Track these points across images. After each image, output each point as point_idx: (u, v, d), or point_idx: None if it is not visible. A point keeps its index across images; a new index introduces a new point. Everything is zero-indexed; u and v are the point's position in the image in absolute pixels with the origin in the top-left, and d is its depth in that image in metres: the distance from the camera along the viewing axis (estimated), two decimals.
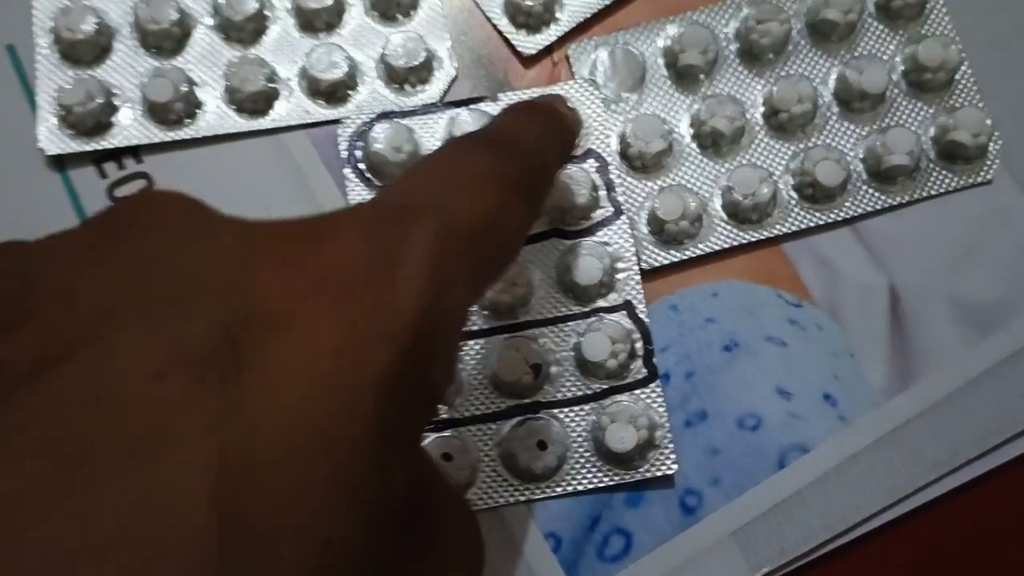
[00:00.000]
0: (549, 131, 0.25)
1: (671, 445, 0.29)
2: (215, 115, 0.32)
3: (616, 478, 0.29)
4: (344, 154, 0.32)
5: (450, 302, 0.18)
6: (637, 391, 0.29)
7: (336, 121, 0.32)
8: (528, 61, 0.33)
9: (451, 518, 0.22)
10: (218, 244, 0.17)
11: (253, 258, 0.17)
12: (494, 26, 0.33)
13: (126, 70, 0.32)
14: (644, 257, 0.31)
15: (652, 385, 0.30)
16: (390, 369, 0.16)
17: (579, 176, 0.30)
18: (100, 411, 0.14)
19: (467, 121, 0.31)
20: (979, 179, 0.32)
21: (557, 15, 0.33)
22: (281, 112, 0.32)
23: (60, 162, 0.32)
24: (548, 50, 0.33)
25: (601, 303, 0.30)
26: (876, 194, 0.32)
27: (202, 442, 0.14)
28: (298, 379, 0.16)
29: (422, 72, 0.32)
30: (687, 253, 0.31)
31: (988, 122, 0.32)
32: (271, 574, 0.15)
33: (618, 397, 0.29)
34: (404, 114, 0.32)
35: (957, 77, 0.32)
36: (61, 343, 0.15)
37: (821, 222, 0.31)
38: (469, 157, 0.21)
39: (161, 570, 0.13)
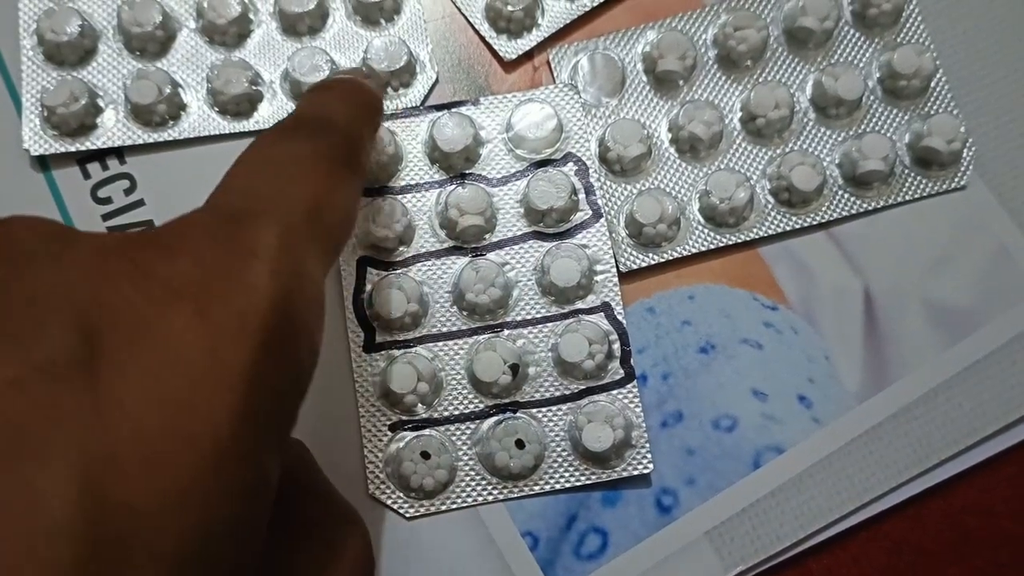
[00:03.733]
0: (353, 103, 0.26)
1: (647, 445, 0.29)
2: (198, 117, 0.32)
3: (593, 477, 0.29)
4: None
5: (303, 286, 0.19)
6: (614, 391, 0.30)
7: None
8: (509, 66, 0.33)
9: (332, 515, 0.24)
10: (74, 260, 0.18)
11: (107, 269, 0.18)
12: (475, 31, 0.34)
13: (110, 72, 0.33)
14: (622, 259, 0.31)
15: (629, 386, 0.30)
16: (250, 362, 0.17)
17: (558, 179, 0.31)
18: None
19: (448, 124, 0.31)
20: (953, 185, 0.32)
21: (538, 20, 0.33)
22: (264, 114, 0.33)
23: (44, 162, 0.32)
24: (529, 55, 0.33)
25: (579, 304, 0.31)
26: (852, 199, 0.32)
27: (65, 445, 0.15)
28: (158, 380, 0.16)
29: (404, 76, 0.33)
30: (665, 256, 0.31)
31: (962, 129, 0.32)
32: (141, 566, 0.15)
33: (595, 397, 0.30)
34: (386, 117, 0.32)
35: (932, 84, 0.33)
36: None
37: (797, 226, 0.32)
38: (286, 144, 0.23)
39: (29, 567, 0.14)
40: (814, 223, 0.32)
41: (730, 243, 0.32)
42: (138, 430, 0.16)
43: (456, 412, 0.30)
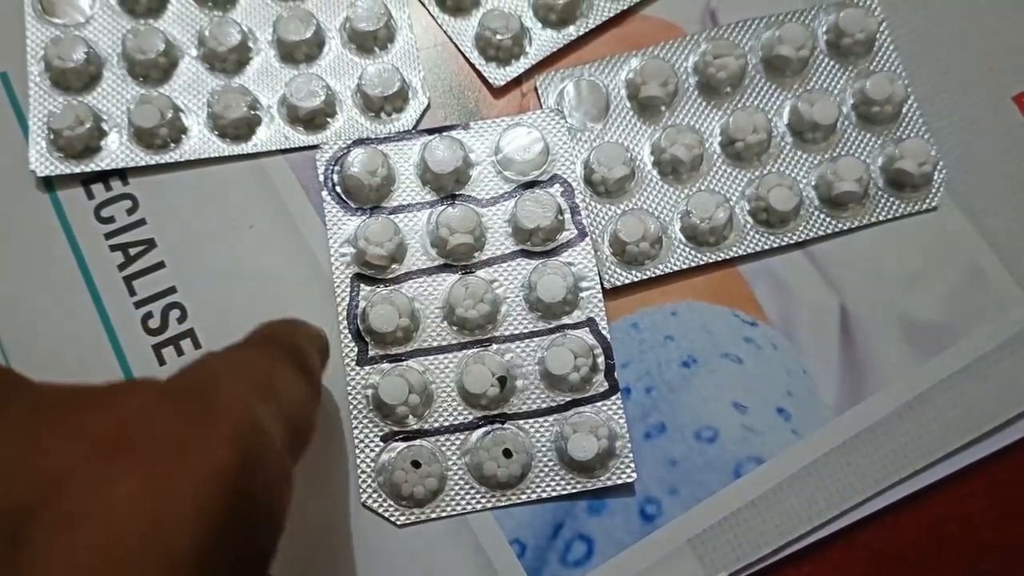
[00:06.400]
0: (298, 329, 0.27)
1: (631, 455, 0.30)
2: (199, 140, 0.34)
3: (579, 486, 0.30)
4: (322, 178, 0.33)
5: (263, 452, 0.18)
6: (599, 403, 0.31)
7: (314, 147, 0.34)
8: (498, 92, 0.35)
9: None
10: (7, 419, 0.16)
11: (45, 430, 0.16)
12: (466, 59, 0.35)
13: (114, 97, 0.34)
14: (606, 277, 0.32)
15: (613, 398, 0.31)
16: (200, 540, 0.15)
17: (545, 200, 0.32)
18: None
19: (439, 147, 0.33)
20: (925, 206, 0.34)
21: (526, 49, 0.35)
22: (262, 138, 0.34)
23: (50, 183, 0.33)
24: (517, 81, 0.35)
25: (565, 320, 0.32)
26: (827, 219, 0.33)
27: None
28: (90, 568, 0.14)
29: (397, 101, 0.34)
30: (648, 273, 0.32)
31: (933, 152, 0.33)
32: None
33: (581, 409, 0.31)
34: (379, 140, 0.34)
35: (904, 110, 0.34)
36: None
37: (775, 245, 0.33)
38: (238, 348, 0.23)
39: None
40: (791, 242, 0.33)
41: (711, 261, 0.33)
42: None
43: (446, 423, 0.31)
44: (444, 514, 0.30)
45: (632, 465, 0.30)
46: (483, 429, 0.30)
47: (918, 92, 0.35)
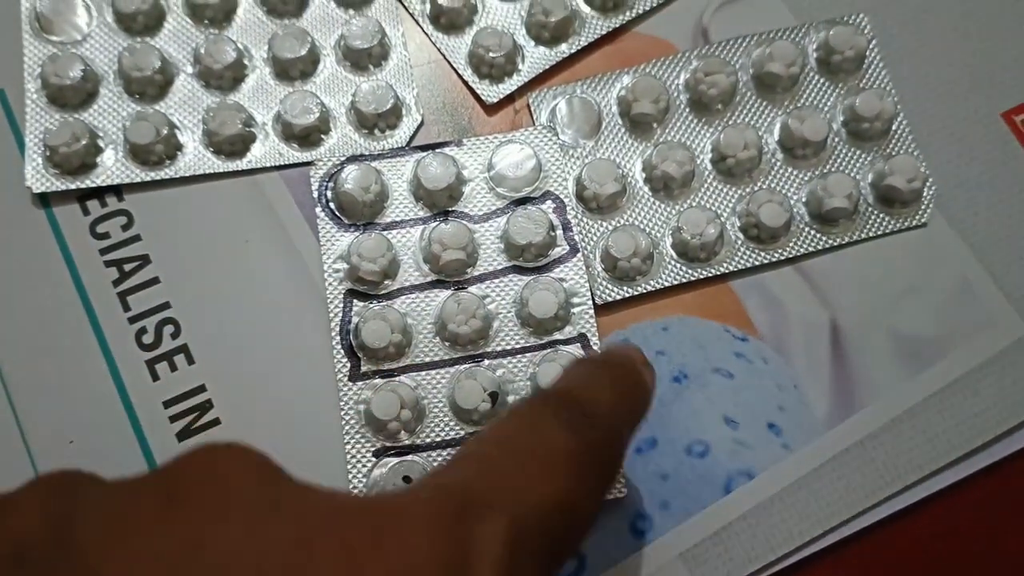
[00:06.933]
0: (625, 393, 0.23)
1: (622, 470, 0.30)
2: (194, 156, 0.34)
3: None
4: (316, 194, 0.33)
5: None
6: None
7: (309, 163, 0.34)
8: (491, 108, 0.35)
9: None
10: (275, 530, 0.16)
11: (312, 549, 0.15)
12: (459, 76, 0.35)
13: (110, 114, 0.34)
14: (598, 292, 0.32)
15: None
16: None
17: (537, 216, 0.32)
18: None
19: (432, 164, 0.33)
20: (915, 222, 0.34)
21: (518, 66, 0.35)
22: (257, 154, 0.34)
23: (46, 200, 0.34)
24: (510, 98, 0.35)
25: (557, 335, 0.32)
26: (818, 235, 0.33)
27: None
28: None
29: (390, 118, 0.34)
30: (639, 289, 0.33)
31: (922, 168, 0.34)
32: None
33: None
34: (373, 157, 0.34)
35: (893, 127, 0.35)
36: None
37: (766, 261, 0.33)
38: (543, 431, 0.20)
39: None
40: (782, 258, 0.33)
41: (702, 277, 0.33)
42: None
43: (438, 439, 0.31)
44: None
45: (623, 480, 0.30)
46: None
47: (907, 109, 0.35)
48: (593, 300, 0.32)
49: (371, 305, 0.32)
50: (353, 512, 0.16)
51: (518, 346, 0.32)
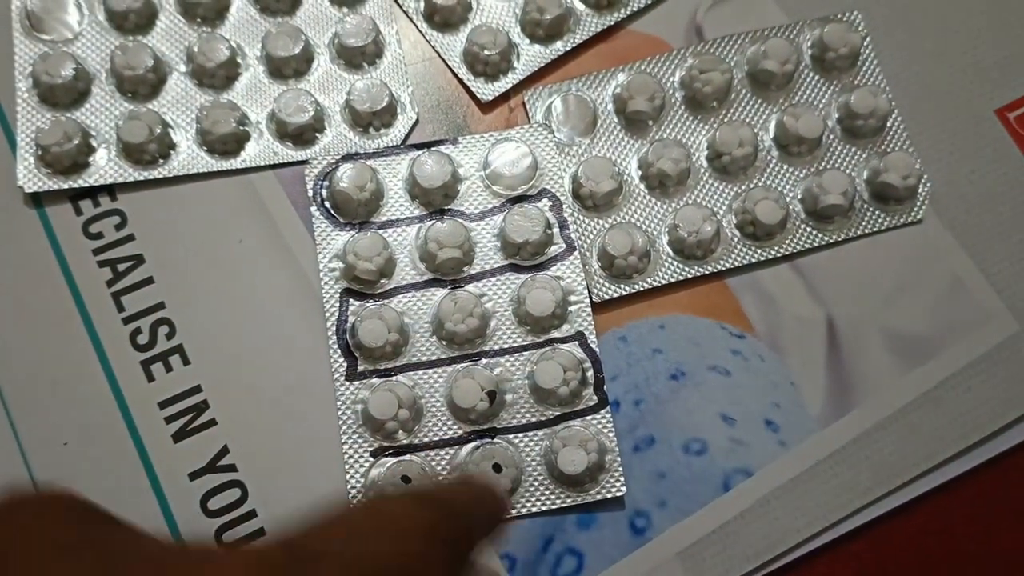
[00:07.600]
0: (483, 504, 0.23)
1: (620, 468, 0.31)
2: (188, 156, 0.34)
3: (568, 500, 0.30)
4: (311, 193, 0.33)
5: None
6: (588, 417, 0.31)
7: (303, 162, 0.34)
8: (486, 107, 0.35)
9: None
10: (65, 569, 0.15)
11: None
12: (454, 74, 0.35)
13: (103, 113, 0.34)
14: (595, 290, 0.32)
15: (602, 411, 0.31)
16: None
17: (534, 214, 0.32)
18: None
19: (428, 162, 0.33)
20: (910, 219, 0.34)
21: (513, 64, 0.35)
22: (251, 153, 0.34)
23: (38, 199, 0.33)
24: (505, 96, 0.35)
25: (554, 334, 0.32)
26: (813, 232, 0.34)
27: None
28: None
29: (385, 116, 0.34)
30: (636, 287, 0.33)
31: (917, 165, 0.34)
32: None
33: (570, 423, 0.31)
34: (368, 155, 0.34)
35: (888, 124, 0.35)
36: None
37: (762, 258, 0.33)
38: (388, 504, 0.20)
39: None
40: (778, 255, 0.33)
41: (698, 275, 0.33)
42: None
43: (435, 438, 0.31)
44: None
45: (622, 479, 0.30)
46: (472, 444, 0.31)
47: (902, 106, 0.35)
48: (590, 298, 0.32)
49: (367, 304, 0.32)
50: (172, 554, 0.16)
51: (515, 344, 0.32)
